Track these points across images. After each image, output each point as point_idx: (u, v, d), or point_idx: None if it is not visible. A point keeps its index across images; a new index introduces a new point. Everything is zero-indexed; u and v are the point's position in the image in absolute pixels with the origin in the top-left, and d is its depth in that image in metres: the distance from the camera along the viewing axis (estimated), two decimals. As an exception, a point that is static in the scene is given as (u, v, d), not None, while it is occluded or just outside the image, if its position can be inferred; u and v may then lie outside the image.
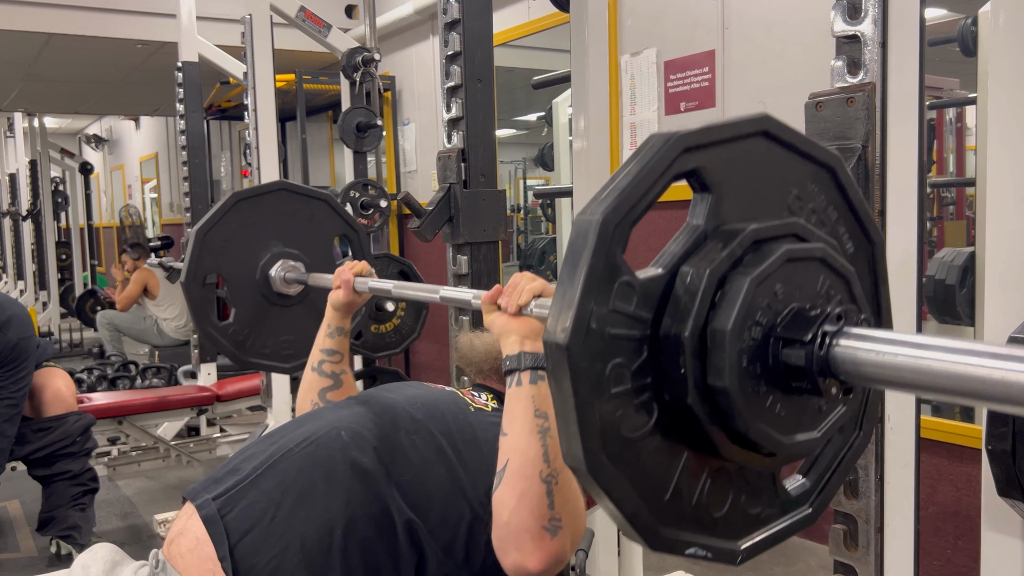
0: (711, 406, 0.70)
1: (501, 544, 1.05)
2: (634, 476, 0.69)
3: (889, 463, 1.27)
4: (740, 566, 0.77)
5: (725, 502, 0.76)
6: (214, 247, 1.88)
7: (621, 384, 0.68)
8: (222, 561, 1.09)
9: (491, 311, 1.15)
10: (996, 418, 1.08)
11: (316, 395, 1.55)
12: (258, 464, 1.20)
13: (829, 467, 0.86)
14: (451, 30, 1.97)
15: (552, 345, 0.66)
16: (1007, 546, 1.22)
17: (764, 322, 0.71)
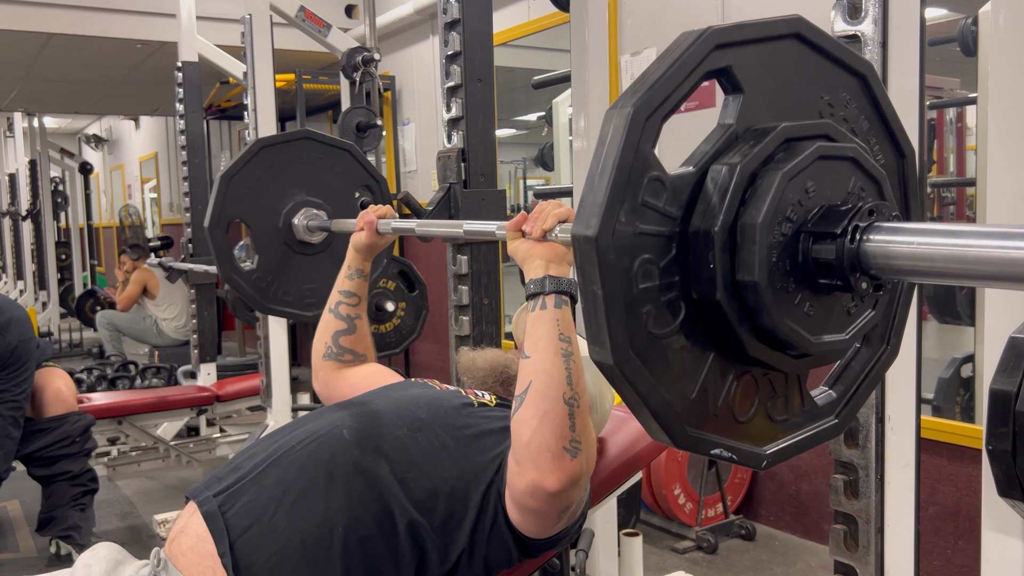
0: (739, 302, 0.69)
1: (520, 464, 1.05)
2: (660, 373, 0.69)
3: (889, 463, 1.27)
4: (736, 565, 0.77)
5: (751, 407, 0.75)
6: (238, 193, 1.87)
7: (649, 280, 0.68)
8: (222, 557, 1.09)
9: (515, 238, 1.16)
10: (996, 418, 1.08)
11: (330, 338, 1.56)
12: (259, 462, 1.20)
13: (856, 379, 0.85)
14: (451, 30, 1.96)
15: (581, 238, 0.65)
16: (1007, 546, 1.22)
17: (795, 219, 0.70)
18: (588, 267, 0.66)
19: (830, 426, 0.83)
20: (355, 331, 1.56)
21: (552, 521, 1.13)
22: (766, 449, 0.77)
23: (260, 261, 1.92)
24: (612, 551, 2.12)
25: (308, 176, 1.96)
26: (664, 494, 3.05)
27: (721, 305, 0.69)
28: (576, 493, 1.07)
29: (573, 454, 1.03)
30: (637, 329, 0.67)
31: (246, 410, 4.20)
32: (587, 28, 2.07)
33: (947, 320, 2.92)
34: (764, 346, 0.72)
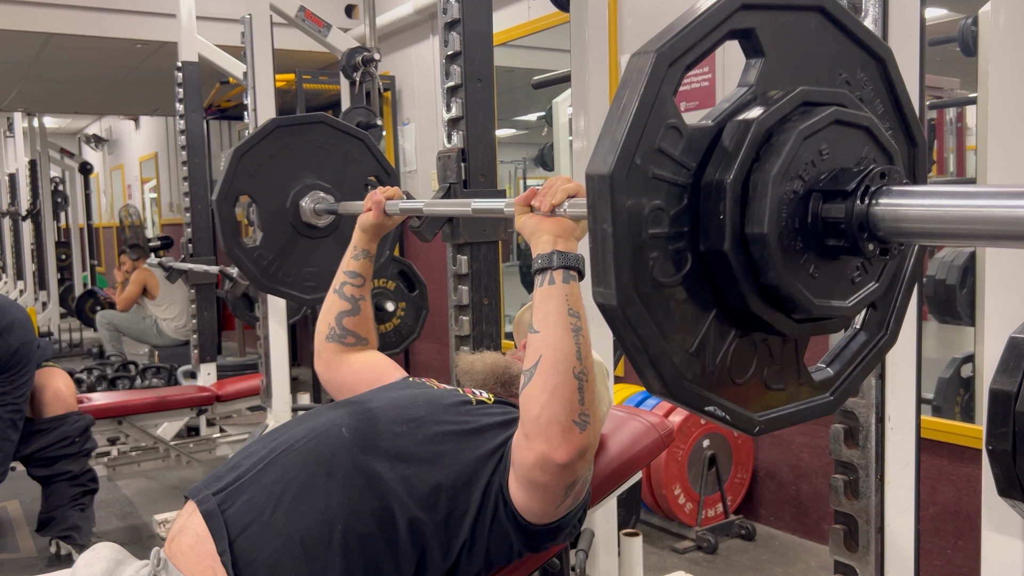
0: (746, 256, 0.70)
1: (529, 437, 1.06)
2: (661, 321, 0.69)
3: (889, 463, 1.27)
4: (736, 565, 0.78)
5: (748, 370, 0.76)
6: (248, 169, 1.88)
7: (658, 227, 0.69)
8: (221, 555, 1.09)
9: (523, 212, 1.16)
10: (996, 418, 1.08)
11: (333, 319, 1.57)
12: (258, 460, 1.20)
13: (853, 360, 0.87)
14: (451, 30, 1.96)
15: (595, 177, 0.66)
16: (1007, 546, 1.22)
17: (807, 178, 0.71)
18: (600, 205, 0.66)
19: (825, 402, 0.84)
20: (359, 313, 1.57)
21: (558, 499, 1.12)
22: (760, 415, 0.77)
23: (264, 240, 1.92)
24: (612, 551, 2.12)
25: (320, 161, 1.97)
26: (664, 494, 3.05)
27: (728, 257, 0.70)
28: (583, 467, 1.08)
29: (582, 427, 1.05)
30: (643, 273, 0.68)
31: (246, 410, 4.20)
32: (587, 28, 2.07)
33: (947, 320, 2.92)
34: (767, 305, 0.73)
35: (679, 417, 3.06)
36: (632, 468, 1.75)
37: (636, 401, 3.28)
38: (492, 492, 1.19)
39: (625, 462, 1.72)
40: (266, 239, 1.92)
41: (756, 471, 3.28)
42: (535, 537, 1.20)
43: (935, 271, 2.84)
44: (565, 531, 1.24)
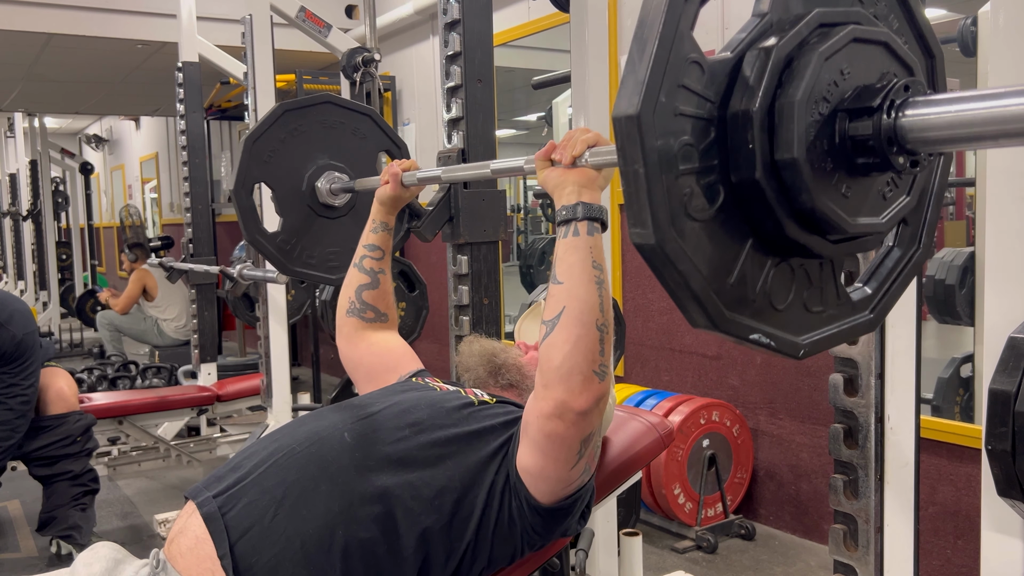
0: (778, 182, 0.71)
1: (548, 385, 1.08)
2: (700, 256, 0.70)
3: (889, 463, 1.27)
4: (736, 565, 0.78)
5: (788, 295, 0.77)
6: (261, 156, 1.89)
7: (689, 162, 0.69)
8: (222, 559, 1.09)
9: (544, 167, 1.16)
10: (996, 418, 1.08)
11: (353, 293, 1.59)
12: (259, 462, 1.20)
13: (889, 276, 0.88)
14: (451, 30, 1.97)
15: (622, 119, 0.66)
16: (1007, 546, 1.22)
17: (831, 99, 0.72)
18: (630, 146, 0.67)
19: (866, 320, 0.85)
20: (378, 286, 1.59)
21: (572, 456, 1.13)
22: (803, 339, 0.79)
23: (284, 224, 1.93)
24: (612, 551, 2.12)
25: (331, 140, 1.98)
26: (664, 494, 3.05)
27: (760, 185, 0.71)
28: (598, 417, 1.10)
29: (601, 377, 1.07)
30: (677, 210, 0.69)
31: (246, 410, 4.20)
32: (587, 28, 2.07)
33: (947, 320, 2.92)
34: (802, 228, 0.73)
35: (679, 417, 3.06)
36: (632, 468, 1.75)
37: (636, 401, 3.28)
38: (497, 491, 1.19)
39: (625, 462, 1.72)
40: (286, 223, 1.94)
41: (756, 471, 3.29)
42: (548, 518, 1.20)
43: (935, 271, 2.84)
44: (575, 513, 1.24)
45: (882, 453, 1.27)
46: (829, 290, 0.81)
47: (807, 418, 3.08)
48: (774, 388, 3.18)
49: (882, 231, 0.79)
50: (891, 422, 1.27)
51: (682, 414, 3.07)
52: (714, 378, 3.41)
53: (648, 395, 3.32)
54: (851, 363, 1.28)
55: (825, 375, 2.96)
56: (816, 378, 3.02)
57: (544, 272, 5.94)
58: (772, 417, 3.21)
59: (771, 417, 3.21)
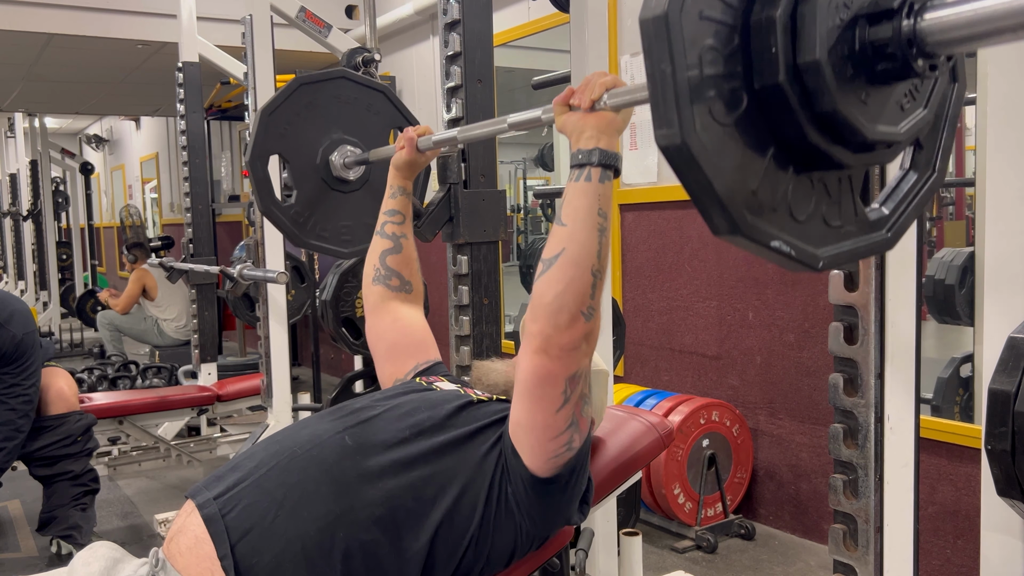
0: (801, 86, 0.73)
1: (536, 319, 1.11)
2: (723, 160, 0.72)
3: (889, 463, 1.27)
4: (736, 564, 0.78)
5: (808, 208, 0.79)
6: (277, 129, 1.91)
7: (713, 67, 0.71)
8: (222, 560, 1.09)
9: (563, 112, 1.17)
10: (995, 418, 1.08)
11: (377, 259, 1.62)
12: (260, 464, 1.20)
13: (905, 198, 0.90)
14: (451, 30, 1.97)
15: (650, 20, 0.68)
16: (1007, 546, 1.22)
17: (851, 5, 0.74)
18: (658, 46, 0.68)
19: (882, 239, 0.87)
20: (401, 251, 1.62)
21: (557, 400, 1.14)
22: (822, 251, 0.80)
23: (298, 196, 1.94)
24: (612, 550, 2.12)
25: (345, 115, 2.01)
26: (664, 493, 3.05)
27: (783, 89, 0.72)
28: (583, 357, 1.12)
29: (588, 317, 1.10)
30: (702, 113, 0.70)
31: (247, 410, 4.20)
32: (587, 28, 2.07)
33: (946, 320, 2.92)
34: (822, 135, 0.75)
35: (679, 417, 3.06)
36: (632, 468, 1.75)
37: (636, 401, 3.28)
38: (496, 480, 1.20)
39: (625, 462, 1.72)
40: (300, 196, 1.95)
41: (755, 471, 3.29)
42: (543, 496, 1.20)
43: (934, 271, 2.84)
44: (569, 492, 1.24)
45: (882, 453, 1.27)
46: (847, 206, 0.83)
47: (807, 418, 3.08)
48: (774, 388, 3.18)
49: (899, 140, 0.81)
50: (891, 422, 1.27)
51: (682, 414, 3.07)
52: (714, 378, 3.41)
53: (648, 395, 3.32)
54: (851, 363, 1.28)
55: (825, 375, 2.96)
56: (816, 378, 3.02)
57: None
58: (772, 417, 3.21)
59: (771, 417, 3.21)
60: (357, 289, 3.53)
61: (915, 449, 1.28)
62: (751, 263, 3.19)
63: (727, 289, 3.30)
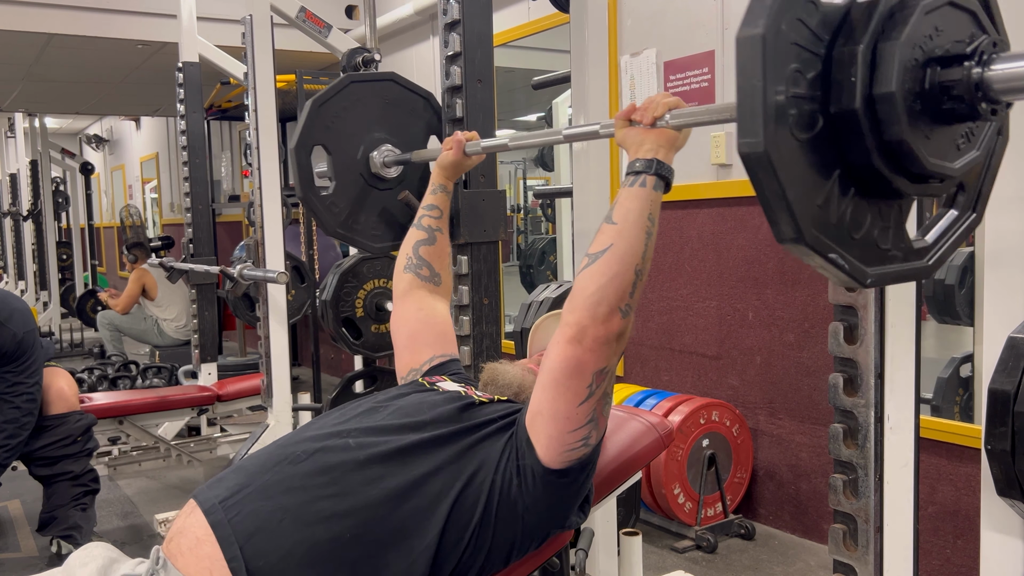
0: (873, 114, 0.82)
1: (574, 310, 1.14)
2: (797, 173, 0.81)
3: (889, 463, 1.27)
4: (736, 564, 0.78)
5: (862, 229, 0.88)
6: (324, 121, 1.98)
7: (797, 87, 0.80)
8: (231, 562, 1.10)
9: (623, 126, 1.23)
10: (995, 418, 1.09)
11: (411, 249, 1.68)
12: (264, 468, 1.20)
13: (946, 232, 1.00)
14: (451, 31, 1.97)
15: (747, 39, 0.77)
16: (1007, 546, 1.22)
17: (925, 49, 0.84)
18: (752, 63, 0.77)
19: (924, 267, 0.96)
20: (435, 243, 1.68)
21: (581, 393, 1.16)
22: (871, 269, 0.88)
23: (336, 188, 1.99)
24: (612, 550, 2.12)
25: (388, 116, 2.06)
26: (664, 493, 3.05)
27: (857, 115, 0.81)
28: (613, 354, 1.15)
29: (625, 314, 1.14)
30: (783, 127, 0.79)
31: (247, 410, 4.20)
32: (587, 28, 2.07)
33: (946, 320, 2.93)
34: (886, 161, 0.84)
35: (679, 417, 3.06)
36: (632, 468, 1.75)
37: (636, 401, 3.28)
38: (500, 471, 1.22)
39: (625, 462, 1.73)
40: (338, 188, 2.00)
41: (755, 470, 3.29)
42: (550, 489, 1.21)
43: (935, 271, 2.84)
44: (574, 489, 1.25)
45: (882, 453, 1.27)
46: (896, 233, 0.92)
47: (807, 418, 3.08)
48: (774, 388, 3.18)
49: (953, 176, 0.89)
50: (891, 422, 1.27)
51: (682, 414, 3.07)
52: (714, 378, 3.41)
53: (648, 395, 3.32)
54: (851, 363, 1.28)
55: (825, 375, 2.96)
56: (816, 378, 3.02)
57: (544, 273, 5.94)
58: (772, 417, 3.21)
59: (771, 417, 3.21)
60: (357, 289, 3.53)
61: (915, 449, 1.28)
62: (751, 263, 3.20)
63: (727, 289, 3.31)
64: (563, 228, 4.94)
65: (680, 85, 3.37)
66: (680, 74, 3.37)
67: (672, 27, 3.41)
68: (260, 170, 3.13)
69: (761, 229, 3.14)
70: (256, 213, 3.17)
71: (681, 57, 3.36)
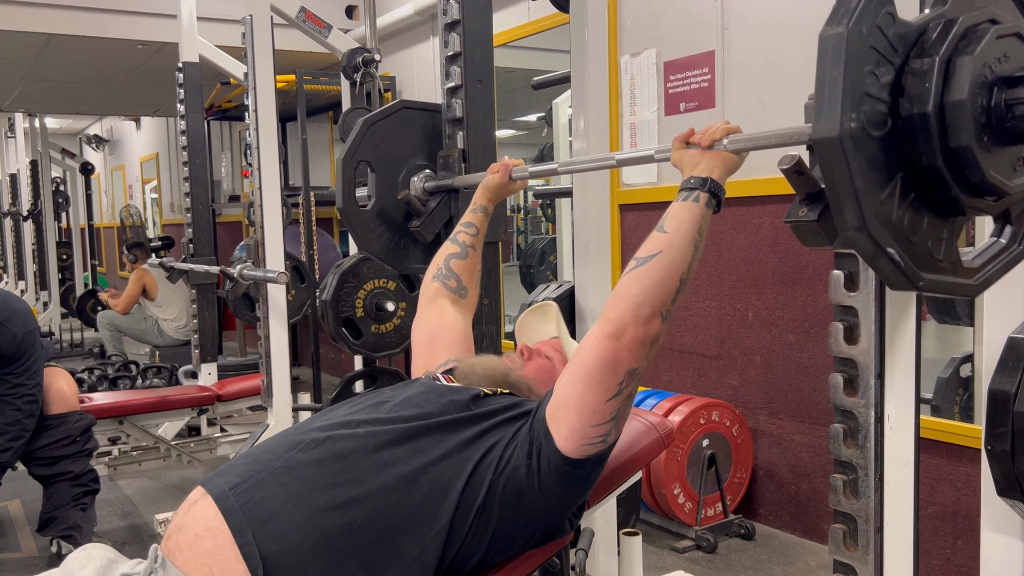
0: (942, 121, 0.88)
1: (616, 308, 1.16)
2: (864, 163, 0.85)
3: (889, 463, 1.27)
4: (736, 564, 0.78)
5: (919, 234, 0.92)
6: (373, 139, 2.03)
7: (871, 88, 0.86)
8: (243, 548, 1.10)
9: (681, 147, 1.26)
10: (995, 418, 1.09)
11: (443, 260, 1.72)
12: (275, 456, 1.22)
13: (993, 259, 1.04)
14: (451, 31, 1.97)
15: (831, 35, 0.84)
16: (1007, 546, 1.22)
17: (996, 70, 0.89)
18: (833, 56, 0.83)
19: (972, 285, 1.00)
20: (467, 257, 1.72)
21: (611, 390, 1.18)
22: (924, 273, 0.92)
23: (374, 205, 2.03)
24: (612, 550, 2.12)
25: (432, 145, 2.10)
26: (664, 493, 3.05)
27: (929, 119, 0.87)
28: (646, 357, 1.17)
29: (664, 319, 1.16)
30: (858, 120, 0.84)
31: (247, 410, 4.20)
32: (587, 29, 2.07)
33: (946, 320, 2.93)
34: (949, 166, 0.89)
35: (679, 417, 3.06)
36: (632, 467, 1.75)
37: (636, 401, 3.28)
38: (508, 462, 1.23)
39: (625, 461, 1.72)
40: (376, 205, 2.03)
41: (755, 471, 3.29)
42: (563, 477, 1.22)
43: (935, 271, 2.84)
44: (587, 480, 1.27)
45: (882, 453, 1.27)
46: (950, 246, 0.96)
47: (807, 418, 3.08)
48: (774, 388, 3.18)
49: (1008, 192, 0.93)
50: (891, 422, 1.27)
51: (682, 414, 3.07)
52: (714, 378, 3.41)
53: (648, 395, 3.32)
54: (851, 363, 1.28)
55: (825, 375, 2.96)
56: (816, 378, 3.02)
57: (544, 273, 5.94)
58: (772, 417, 3.21)
59: (771, 417, 3.21)
60: (357, 289, 3.53)
61: (915, 449, 1.28)
62: (751, 263, 3.20)
63: (727, 289, 3.31)
64: (563, 228, 4.94)
65: (680, 85, 3.37)
66: (680, 74, 3.37)
67: (672, 27, 3.41)
68: (260, 170, 3.13)
69: (761, 229, 3.14)
70: (256, 213, 3.17)
71: (681, 57, 3.36)
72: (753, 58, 3.09)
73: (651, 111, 3.51)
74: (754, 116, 3.08)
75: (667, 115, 3.45)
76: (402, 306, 3.65)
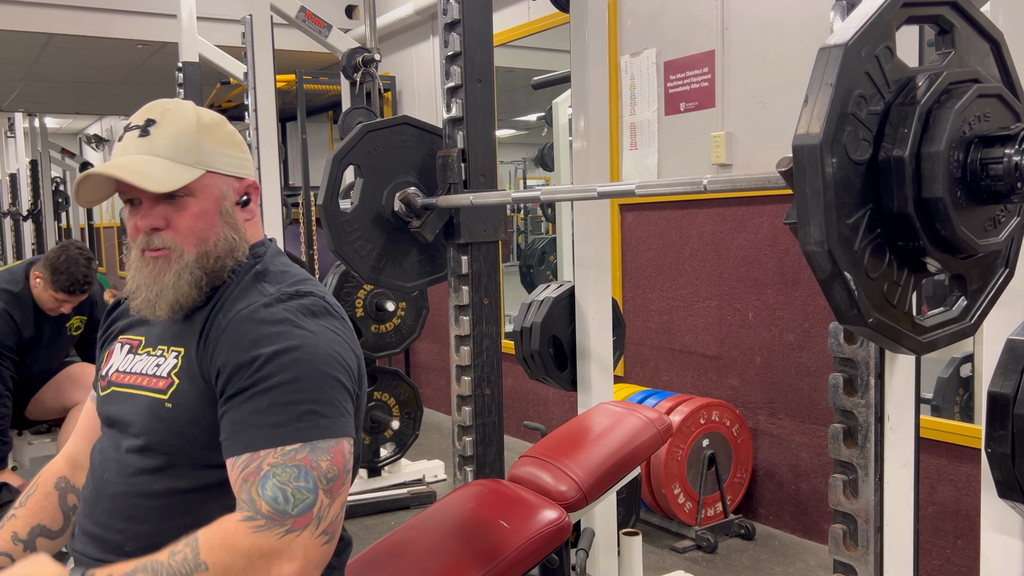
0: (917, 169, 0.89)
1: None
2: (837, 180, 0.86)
3: (889, 463, 1.27)
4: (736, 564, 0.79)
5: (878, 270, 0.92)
6: (369, 146, 2.05)
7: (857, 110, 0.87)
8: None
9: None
10: (995, 421, 1.08)
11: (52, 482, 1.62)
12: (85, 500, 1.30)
13: (943, 325, 1.04)
14: (451, 30, 1.97)
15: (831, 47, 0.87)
16: (1007, 546, 1.22)
17: (975, 128, 0.91)
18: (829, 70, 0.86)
19: (918, 341, 0.99)
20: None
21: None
22: (871, 311, 0.91)
23: (356, 209, 2.04)
24: (612, 550, 2.12)
25: (426, 165, 2.11)
26: (664, 493, 3.05)
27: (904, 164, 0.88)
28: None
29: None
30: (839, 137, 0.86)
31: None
32: (587, 28, 2.07)
33: (947, 320, 2.92)
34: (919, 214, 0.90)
35: (679, 417, 3.06)
36: (631, 463, 1.76)
37: (636, 401, 3.28)
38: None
39: (624, 457, 1.73)
40: (357, 210, 2.04)
41: (755, 471, 3.29)
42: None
43: (935, 271, 2.84)
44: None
45: (882, 453, 1.27)
46: (904, 295, 0.96)
47: (807, 418, 3.08)
48: (774, 388, 3.18)
49: (977, 250, 0.94)
50: (891, 422, 1.27)
51: (682, 414, 3.07)
52: (714, 378, 3.41)
53: (648, 395, 3.32)
54: (851, 363, 1.28)
55: (825, 375, 2.96)
56: (816, 378, 3.02)
57: (543, 273, 5.94)
58: (772, 417, 3.21)
59: (771, 417, 3.21)
60: (357, 289, 3.53)
61: (915, 449, 1.28)
62: (751, 263, 3.20)
63: (727, 289, 3.31)
64: (563, 228, 4.94)
65: (680, 85, 3.37)
66: (680, 74, 3.37)
67: (672, 27, 3.40)
68: (260, 170, 3.13)
69: (761, 229, 3.14)
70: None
71: (681, 57, 3.36)
72: (753, 58, 3.09)
73: (651, 111, 3.51)
74: (754, 116, 3.08)
75: (667, 115, 3.45)
76: (402, 306, 3.65)
